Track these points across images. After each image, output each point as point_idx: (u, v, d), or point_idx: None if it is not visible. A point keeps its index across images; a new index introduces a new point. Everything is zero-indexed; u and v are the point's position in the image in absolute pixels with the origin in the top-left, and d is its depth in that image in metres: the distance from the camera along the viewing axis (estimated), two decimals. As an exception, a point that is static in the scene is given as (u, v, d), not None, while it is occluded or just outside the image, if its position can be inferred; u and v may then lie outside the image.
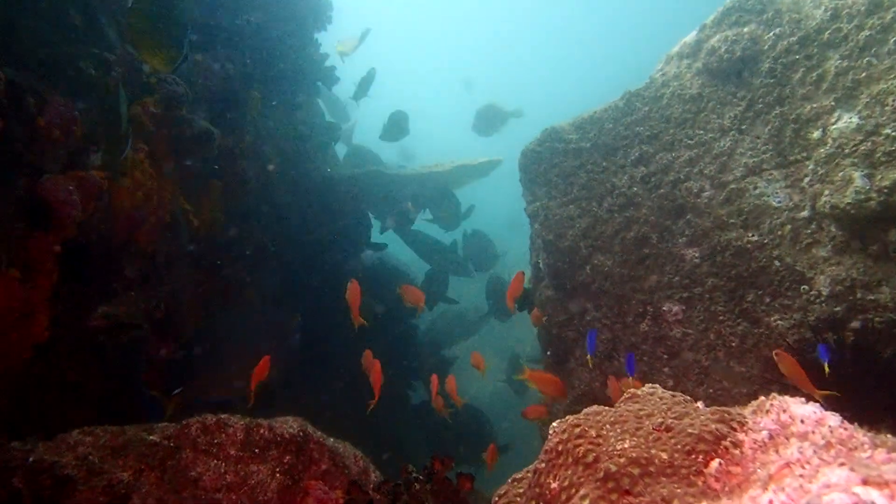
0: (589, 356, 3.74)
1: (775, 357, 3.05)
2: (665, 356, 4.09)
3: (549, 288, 4.75)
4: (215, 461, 2.63)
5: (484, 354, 5.13)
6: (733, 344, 3.81)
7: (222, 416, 2.80)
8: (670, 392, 1.62)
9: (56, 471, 2.39)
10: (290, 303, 6.14)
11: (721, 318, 3.88)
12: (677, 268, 4.09)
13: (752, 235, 3.84)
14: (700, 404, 1.55)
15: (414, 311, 6.53)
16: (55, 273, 3.19)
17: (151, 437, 2.63)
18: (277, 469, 2.73)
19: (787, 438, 1.34)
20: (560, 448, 1.53)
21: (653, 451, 1.38)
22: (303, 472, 2.82)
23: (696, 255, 4.04)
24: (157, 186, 3.84)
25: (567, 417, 1.57)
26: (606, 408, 1.60)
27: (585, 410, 1.60)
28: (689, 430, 1.40)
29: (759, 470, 1.29)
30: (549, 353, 4.87)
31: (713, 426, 1.39)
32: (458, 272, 8.82)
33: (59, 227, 3.11)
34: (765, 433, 1.37)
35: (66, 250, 3.20)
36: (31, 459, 2.41)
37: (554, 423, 1.59)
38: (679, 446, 1.38)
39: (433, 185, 8.48)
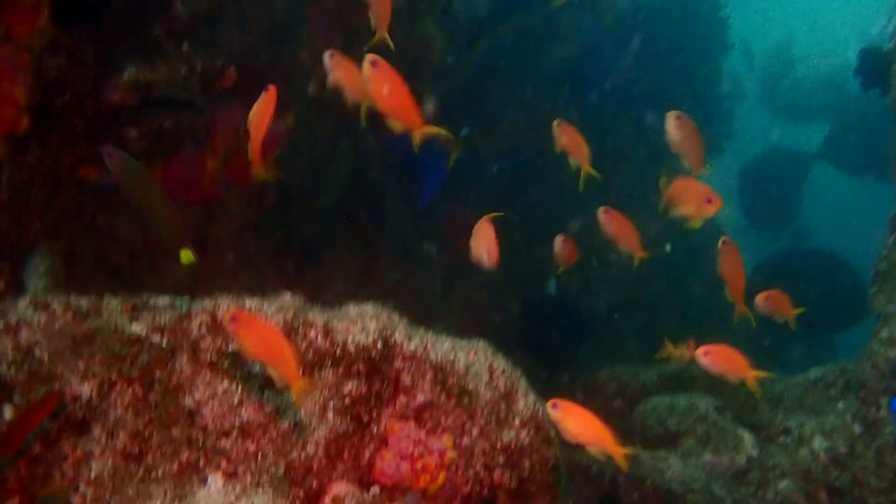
0: None
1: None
2: None
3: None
4: (226, 384, 2.17)
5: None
6: None
7: (249, 300, 2.28)
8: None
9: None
10: None
11: None
12: None
13: None
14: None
15: None
16: (46, 6, 2.75)
17: (134, 328, 2.21)
18: (331, 405, 2.22)
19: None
20: None
21: None
22: (378, 407, 2.27)
23: None
24: None
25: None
26: None
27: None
28: None
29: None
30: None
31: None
32: None
33: None
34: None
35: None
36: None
37: None
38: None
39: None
